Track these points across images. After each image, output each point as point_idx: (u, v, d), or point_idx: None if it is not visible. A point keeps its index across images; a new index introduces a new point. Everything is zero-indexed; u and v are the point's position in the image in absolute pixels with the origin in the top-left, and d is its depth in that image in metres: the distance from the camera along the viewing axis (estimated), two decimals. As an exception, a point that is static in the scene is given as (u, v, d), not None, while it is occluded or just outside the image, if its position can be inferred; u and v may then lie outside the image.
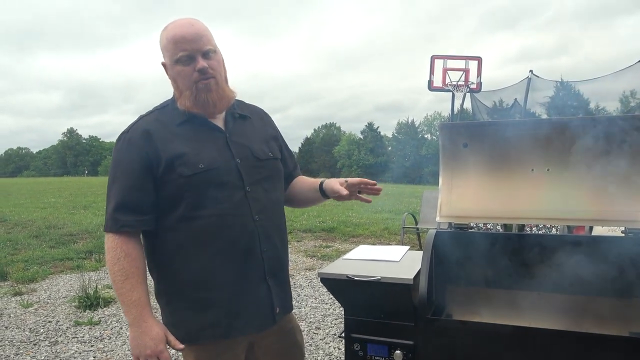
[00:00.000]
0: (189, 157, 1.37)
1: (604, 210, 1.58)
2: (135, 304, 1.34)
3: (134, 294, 1.34)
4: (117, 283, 1.35)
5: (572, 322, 1.53)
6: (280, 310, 1.51)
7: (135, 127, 1.42)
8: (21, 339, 3.77)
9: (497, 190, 1.73)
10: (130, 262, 1.35)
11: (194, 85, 1.39)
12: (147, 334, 1.34)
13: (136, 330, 1.34)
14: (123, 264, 1.35)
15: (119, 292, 1.36)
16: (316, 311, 4.36)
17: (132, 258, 1.36)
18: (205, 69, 1.38)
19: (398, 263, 1.69)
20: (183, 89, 1.42)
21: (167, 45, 1.40)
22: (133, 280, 1.35)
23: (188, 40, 1.37)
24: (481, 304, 1.70)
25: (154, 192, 1.38)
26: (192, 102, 1.41)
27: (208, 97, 1.40)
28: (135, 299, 1.34)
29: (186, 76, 1.39)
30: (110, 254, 1.37)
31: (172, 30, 1.39)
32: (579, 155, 1.60)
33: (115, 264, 1.35)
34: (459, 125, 1.87)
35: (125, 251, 1.35)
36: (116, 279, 1.35)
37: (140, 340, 1.34)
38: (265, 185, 1.49)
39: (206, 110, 1.43)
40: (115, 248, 1.36)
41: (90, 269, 6.20)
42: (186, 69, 1.39)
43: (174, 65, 1.40)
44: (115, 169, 1.40)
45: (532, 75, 8.89)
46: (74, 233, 8.93)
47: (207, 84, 1.40)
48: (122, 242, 1.36)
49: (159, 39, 1.44)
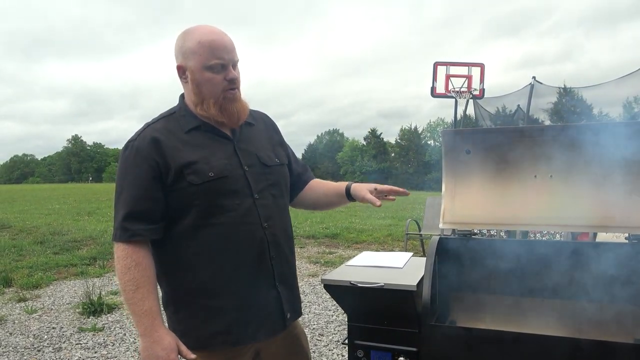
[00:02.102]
0: (199, 165, 1.37)
1: (607, 217, 1.58)
2: (146, 313, 1.33)
3: (145, 303, 1.33)
4: (128, 293, 1.34)
5: (575, 328, 1.52)
6: (291, 315, 1.52)
7: (143, 136, 1.40)
8: (25, 345, 3.77)
9: (500, 197, 1.73)
10: (140, 272, 1.34)
11: (222, 94, 1.40)
12: (159, 343, 1.33)
13: (147, 341, 1.33)
14: (134, 274, 1.34)
15: (130, 302, 1.34)
16: (319, 318, 4.35)
17: (142, 267, 1.35)
18: (236, 80, 1.40)
19: (401, 269, 1.69)
20: (207, 97, 1.40)
21: (200, 50, 1.36)
22: (144, 290, 1.34)
23: (226, 50, 1.38)
24: (485, 310, 1.70)
25: (163, 200, 1.38)
26: (218, 111, 1.40)
27: (234, 107, 1.42)
28: (147, 308, 1.33)
29: (215, 84, 1.39)
30: (120, 264, 1.35)
31: (207, 35, 1.37)
32: (582, 162, 1.61)
33: (126, 273, 1.34)
34: (461, 132, 1.88)
35: (135, 260, 1.34)
36: (127, 288, 1.34)
37: (152, 351, 1.33)
38: (273, 192, 1.49)
39: (232, 120, 1.43)
40: (125, 257, 1.35)
41: (94, 275, 6.21)
42: (217, 77, 1.38)
43: (203, 70, 1.38)
44: (123, 178, 1.39)
45: (534, 81, 8.89)
46: (78, 239, 8.96)
47: (234, 93, 1.41)
48: (132, 252, 1.35)
49: (181, 41, 1.41)
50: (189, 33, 1.40)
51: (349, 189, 1.60)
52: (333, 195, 1.66)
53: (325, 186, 1.70)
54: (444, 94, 9.18)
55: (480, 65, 9.16)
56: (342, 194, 1.62)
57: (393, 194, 1.55)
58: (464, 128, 8.05)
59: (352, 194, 1.59)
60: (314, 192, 1.70)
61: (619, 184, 1.56)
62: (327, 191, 1.68)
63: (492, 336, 1.43)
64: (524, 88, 9.15)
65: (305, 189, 1.70)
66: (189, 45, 1.38)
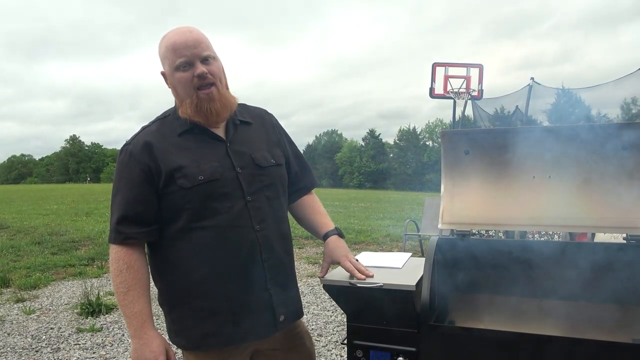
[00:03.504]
0: (189, 169, 1.37)
1: (606, 217, 1.58)
2: (136, 316, 1.36)
3: (135, 306, 1.36)
4: (120, 295, 1.37)
5: (574, 328, 1.53)
6: (285, 317, 1.51)
7: (137, 140, 1.42)
8: (23, 345, 3.76)
9: (499, 197, 1.73)
10: (132, 275, 1.37)
11: (195, 92, 1.38)
12: (148, 345, 1.36)
13: (137, 342, 1.36)
14: (125, 277, 1.36)
15: (121, 304, 1.37)
16: (318, 318, 4.35)
17: (134, 270, 1.37)
18: (205, 74, 1.37)
19: (400, 270, 1.69)
20: (184, 97, 1.40)
21: (166, 53, 1.39)
22: (134, 293, 1.36)
23: (187, 46, 1.36)
24: (484, 310, 1.70)
25: (156, 204, 1.39)
26: (194, 111, 1.39)
27: (211, 107, 1.39)
28: (137, 311, 1.36)
29: (186, 83, 1.38)
30: (113, 266, 1.38)
31: (171, 38, 1.39)
32: (581, 162, 1.61)
33: (118, 276, 1.37)
34: (460, 133, 1.89)
35: (127, 263, 1.37)
36: (118, 290, 1.37)
37: (141, 352, 1.36)
38: (267, 193, 1.48)
39: (208, 120, 1.42)
40: (118, 260, 1.37)
41: (93, 276, 6.21)
42: (185, 75, 1.37)
43: (173, 72, 1.39)
44: (118, 181, 1.42)
45: (533, 82, 8.91)
46: (76, 240, 8.95)
47: (209, 93, 1.39)
48: (125, 254, 1.37)
49: (159, 48, 1.43)
50: (162, 39, 1.43)
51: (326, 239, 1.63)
52: (312, 230, 1.70)
53: (312, 216, 1.70)
54: (442, 95, 9.20)
55: (478, 66, 9.18)
56: (320, 236, 1.67)
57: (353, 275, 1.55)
58: (463, 129, 8.06)
59: (325, 247, 1.63)
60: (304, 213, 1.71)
61: (617, 185, 1.57)
62: (310, 222, 1.70)
63: (491, 336, 1.43)
64: (522, 89, 9.16)
65: (297, 203, 1.70)
66: (161, 51, 1.42)
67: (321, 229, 1.66)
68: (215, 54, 1.43)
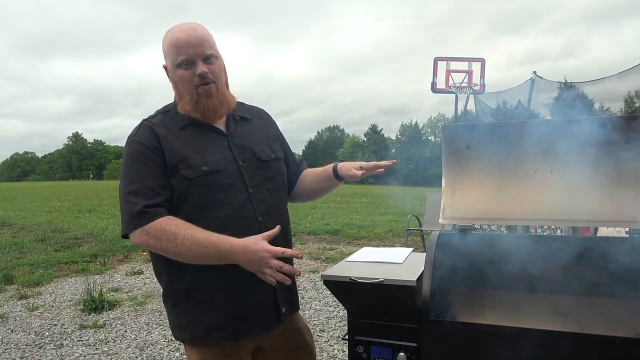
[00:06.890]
0: (193, 160, 1.38)
1: (608, 212, 1.57)
2: (221, 241, 1.30)
3: (211, 237, 1.29)
4: (191, 249, 1.28)
5: (576, 323, 1.52)
6: (286, 310, 1.52)
7: (142, 128, 1.43)
8: (27, 342, 3.78)
9: (501, 192, 1.72)
10: (184, 226, 1.30)
11: (194, 89, 1.40)
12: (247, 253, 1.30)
13: (243, 258, 1.30)
14: (183, 232, 1.29)
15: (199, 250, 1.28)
16: (320, 313, 4.35)
17: (181, 223, 1.31)
18: (206, 74, 1.39)
19: (401, 265, 1.69)
20: (184, 93, 1.43)
21: (169, 49, 1.41)
22: (200, 232, 1.30)
23: (190, 45, 1.38)
24: (485, 305, 1.69)
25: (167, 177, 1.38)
26: (192, 107, 1.41)
27: (208, 103, 1.41)
28: (216, 238, 1.29)
29: (187, 80, 1.40)
30: (163, 238, 1.29)
31: (175, 34, 1.40)
32: (583, 156, 1.60)
33: (175, 239, 1.28)
34: (461, 127, 1.87)
35: (172, 224, 1.30)
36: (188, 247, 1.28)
37: (249, 258, 1.30)
38: (269, 187, 1.50)
39: (206, 116, 1.44)
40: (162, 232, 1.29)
41: (95, 273, 6.22)
42: (187, 73, 1.40)
43: (175, 69, 1.41)
44: (130, 167, 1.38)
45: (535, 76, 8.87)
46: (79, 236, 8.98)
47: (208, 89, 1.41)
48: (163, 223, 1.31)
49: (162, 42, 1.45)
50: (165, 34, 1.44)
51: (336, 168, 1.63)
52: (322, 180, 1.68)
53: (314, 173, 1.72)
54: (444, 89, 9.17)
55: (480, 61, 9.15)
56: (330, 175, 1.65)
57: (380, 168, 1.59)
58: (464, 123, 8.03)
59: (339, 173, 1.62)
60: (305, 181, 1.72)
61: (619, 179, 1.55)
62: (316, 177, 1.70)
63: (493, 331, 1.43)
64: (524, 83, 9.13)
65: (298, 182, 1.72)
66: (165, 46, 1.43)
67: (327, 171, 1.67)
68: (217, 53, 1.45)
